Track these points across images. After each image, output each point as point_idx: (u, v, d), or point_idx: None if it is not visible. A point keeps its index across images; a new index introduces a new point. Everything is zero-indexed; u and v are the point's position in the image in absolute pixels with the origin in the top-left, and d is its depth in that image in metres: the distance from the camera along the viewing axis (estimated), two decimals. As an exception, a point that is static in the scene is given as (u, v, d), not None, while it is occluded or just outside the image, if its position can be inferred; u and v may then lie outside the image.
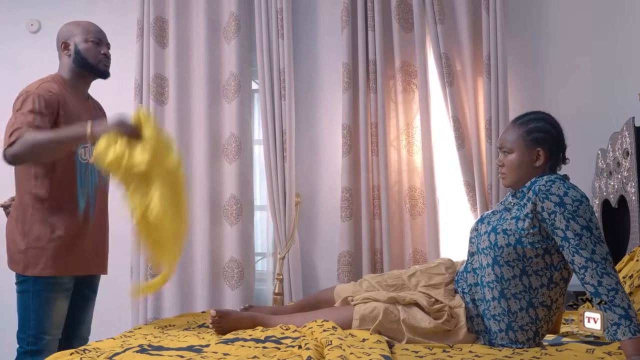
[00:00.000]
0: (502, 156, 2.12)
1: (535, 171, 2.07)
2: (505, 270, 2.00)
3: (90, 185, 2.47)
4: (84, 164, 2.44)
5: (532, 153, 2.07)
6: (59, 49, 2.53)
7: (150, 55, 3.67)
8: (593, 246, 1.89)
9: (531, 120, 2.11)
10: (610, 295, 1.84)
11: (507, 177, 2.11)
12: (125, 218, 2.30)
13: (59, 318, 2.39)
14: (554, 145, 2.10)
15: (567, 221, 1.91)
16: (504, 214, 2.09)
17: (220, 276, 3.57)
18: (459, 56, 3.49)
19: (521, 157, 2.07)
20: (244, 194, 3.61)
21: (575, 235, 1.90)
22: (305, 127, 3.68)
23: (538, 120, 2.11)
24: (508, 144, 2.09)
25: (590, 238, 1.90)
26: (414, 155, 3.51)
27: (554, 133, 2.11)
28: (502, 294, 2.01)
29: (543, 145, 2.07)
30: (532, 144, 2.07)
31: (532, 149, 2.07)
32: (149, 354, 1.74)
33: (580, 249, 1.89)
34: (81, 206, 2.43)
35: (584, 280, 1.88)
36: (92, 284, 2.59)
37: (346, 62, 3.50)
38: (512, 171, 2.09)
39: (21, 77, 2.80)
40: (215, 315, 2.18)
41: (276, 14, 3.58)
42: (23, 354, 2.35)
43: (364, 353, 1.69)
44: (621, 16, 3.48)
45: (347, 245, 3.44)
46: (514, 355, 1.86)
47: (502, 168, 2.12)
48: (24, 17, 4.01)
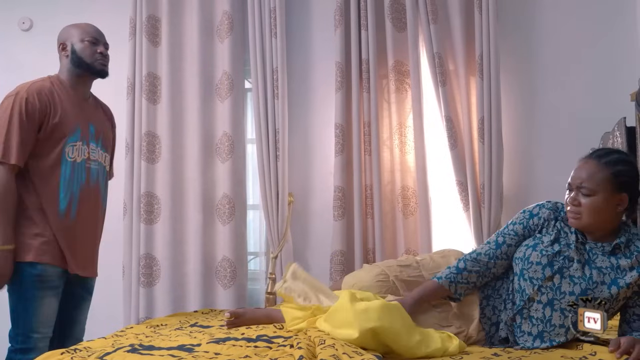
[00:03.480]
0: (578, 194, 1.95)
1: (617, 217, 1.96)
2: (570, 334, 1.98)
3: (75, 185, 2.46)
4: (70, 163, 2.44)
5: (616, 198, 1.93)
6: (58, 51, 2.56)
7: (143, 53, 3.66)
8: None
9: (619, 162, 1.95)
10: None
11: (583, 219, 1.95)
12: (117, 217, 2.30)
13: (48, 316, 2.39)
14: (636, 191, 1.97)
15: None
16: (589, 271, 1.97)
17: (213, 275, 3.57)
18: (451, 56, 3.49)
19: (605, 202, 1.92)
20: (237, 193, 3.60)
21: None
22: (298, 127, 3.68)
23: (625, 162, 1.97)
24: (591, 185, 1.92)
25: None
26: (407, 154, 3.51)
27: (638, 177, 1.97)
28: (541, 332, 2.01)
29: (628, 191, 1.94)
30: (618, 189, 1.92)
31: (617, 194, 1.92)
32: (140, 354, 1.73)
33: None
34: (62, 205, 2.43)
35: (632, 326, 1.96)
36: (86, 285, 2.59)
37: (339, 62, 3.50)
38: (592, 215, 1.93)
39: (13, 75, 2.80)
40: (231, 317, 2.20)
41: (269, 13, 3.57)
42: (13, 352, 2.35)
43: (356, 353, 1.69)
44: (613, 17, 3.49)
45: (339, 245, 3.44)
46: (502, 353, 1.87)
47: (576, 207, 1.95)
48: (16, 15, 3.99)
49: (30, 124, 2.35)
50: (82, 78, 2.56)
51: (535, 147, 3.54)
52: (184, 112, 3.67)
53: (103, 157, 2.62)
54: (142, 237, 3.57)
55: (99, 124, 2.63)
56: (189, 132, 3.64)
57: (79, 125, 2.49)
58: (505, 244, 2.12)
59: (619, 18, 3.47)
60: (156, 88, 3.68)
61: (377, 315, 1.81)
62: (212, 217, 3.60)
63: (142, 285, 3.55)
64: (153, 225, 3.60)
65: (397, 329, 1.82)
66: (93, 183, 2.55)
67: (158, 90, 3.68)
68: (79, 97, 2.53)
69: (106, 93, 2.86)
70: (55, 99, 2.42)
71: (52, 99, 2.41)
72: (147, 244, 3.58)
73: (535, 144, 3.55)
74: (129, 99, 3.66)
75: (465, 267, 2.12)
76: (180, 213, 3.60)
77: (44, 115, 2.38)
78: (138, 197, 3.59)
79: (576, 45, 3.56)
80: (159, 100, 3.68)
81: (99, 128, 2.61)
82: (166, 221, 3.58)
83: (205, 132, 3.63)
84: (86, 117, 2.54)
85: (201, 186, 3.59)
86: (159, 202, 3.60)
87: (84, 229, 2.52)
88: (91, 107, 2.62)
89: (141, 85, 3.65)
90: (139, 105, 3.64)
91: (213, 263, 3.58)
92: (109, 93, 3.25)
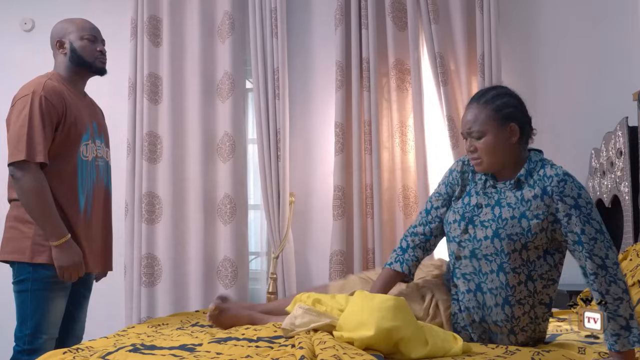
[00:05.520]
0: (472, 141, 1.98)
1: (513, 148, 1.98)
2: (511, 277, 1.93)
3: (89, 183, 2.47)
4: (84, 161, 2.45)
5: (506, 130, 1.96)
6: (54, 48, 2.53)
7: (144, 54, 3.66)
8: (606, 250, 1.85)
9: (497, 97, 1.98)
10: (615, 304, 1.82)
11: (484, 162, 1.97)
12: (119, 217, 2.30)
13: (57, 317, 2.39)
14: (524, 118, 2.00)
15: (582, 224, 1.86)
16: (497, 210, 1.96)
17: (214, 275, 3.57)
18: (453, 56, 3.49)
19: (496, 138, 1.95)
20: (238, 193, 3.60)
21: (590, 239, 1.85)
22: (299, 126, 3.68)
23: (502, 95, 2.00)
24: (478, 127, 1.95)
25: (604, 242, 1.86)
26: (407, 154, 3.51)
27: (520, 105, 2.01)
28: (507, 300, 1.95)
29: (515, 120, 1.97)
30: (504, 121, 1.95)
31: (505, 126, 1.95)
32: (141, 354, 1.73)
33: (594, 254, 1.85)
34: (81, 204, 2.43)
35: (593, 287, 1.85)
36: (87, 283, 2.59)
37: (339, 61, 3.50)
38: (489, 154, 1.95)
39: (15, 76, 2.80)
40: (215, 310, 2.20)
41: (270, 13, 3.57)
42: (19, 352, 2.34)
43: (356, 353, 1.69)
44: (615, 16, 3.49)
45: (338, 245, 3.43)
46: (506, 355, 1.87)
47: (474, 154, 1.98)
48: (17, 15, 3.99)
49: (50, 123, 2.32)
50: (80, 75, 2.53)
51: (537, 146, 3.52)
52: (185, 112, 3.67)
53: (106, 153, 2.63)
54: (144, 237, 3.58)
55: (99, 119, 2.63)
56: (190, 132, 3.65)
57: (88, 123, 2.49)
58: (433, 208, 2.14)
59: (621, 18, 3.47)
60: (157, 88, 3.68)
61: (393, 315, 1.80)
62: (213, 217, 3.60)
63: (143, 285, 3.56)
64: (154, 225, 3.60)
65: (410, 331, 1.81)
66: (101, 180, 2.55)
67: (159, 90, 3.68)
68: (78, 95, 2.52)
69: (107, 93, 2.87)
70: (67, 98, 2.41)
71: (64, 98, 2.40)
72: (148, 243, 3.58)
73: (536, 144, 3.53)
74: (130, 99, 3.66)
75: (408, 245, 2.14)
76: (181, 213, 3.61)
77: (61, 114, 2.36)
78: (139, 197, 3.60)
79: (578, 44, 3.56)
80: (160, 101, 3.68)
81: (99, 124, 2.61)
82: (167, 221, 3.58)
83: (207, 132, 3.63)
84: (89, 115, 2.54)
85: (202, 186, 3.59)
86: (161, 202, 3.60)
87: (97, 226, 2.53)
88: (89, 104, 2.61)
89: (142, 85, 3.65)
90: (140, 106, 3.64)
91: (214, 263, 3.58)
92: (110, 93, 3.26)
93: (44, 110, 2.31)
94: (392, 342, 1.79)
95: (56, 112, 2.35)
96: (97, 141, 2.54)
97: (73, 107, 2.42)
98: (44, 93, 2.33)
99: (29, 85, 2.38)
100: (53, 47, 2.53)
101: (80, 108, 2.47)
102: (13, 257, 2.36)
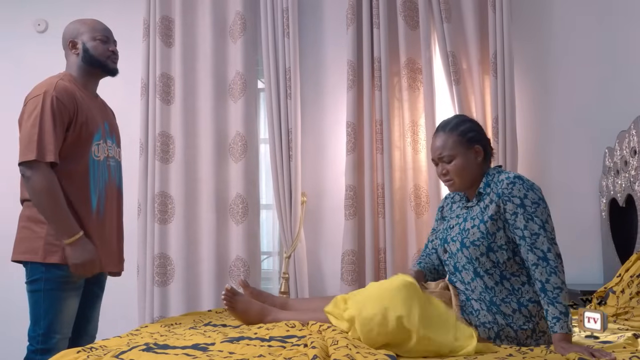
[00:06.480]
0: (443, 165, 2.20)
1: (479, 168, 2.19)
2: (487, 280, 2.10)
3: (101, 183, 2.48)
4: (96, 161, 2.46)
5: (472, 152, 2.18)
6: (66, 48, 2.54)
7: (156, 54, 3.68)
8: (548, 245, 1.99)
9: (459, 124, 2.21)
10: (555, 292, 1.94)
11: (456, 182, 2.19)
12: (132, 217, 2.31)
13: (70, 317, 2.40)
14: (484, 139, 2.24)
15: (526, 221, 2.02)
16: (462, 225, 2.16)
17: (227, 275, 3.58)
18: (465, 54, 3.48)
19: (464, 159, 2.17)
20: (250, 193, 3.61)
21: (532, 234, 2.01)
22: (311, 126, 3.69)
23: (465, 121, 2.24)
24: (447, 152, 2.17)
25: (546, 238, 2.00)
26: (419, 153, 3.50)
27: (480, 129, 2.25)
28: (492, 302, 2.08)
29: (479, 142, 2.20)
30: (469, 144, 2.18)
31: (471, 148, 2.18)
32: (155, 353, 1.74)
33: (535, 247, 2.00)
34: (94, 203, 2.44)
35: (534, 276, 1.99)
36: (100, 282, 2.60)
37: (351, 60, 3.50)
38: (460, 175, 2.17)
39: (28, 77, 2.81)
40: (230, 291, 2.34)
41: (282, 13, 3.58)
42: (33, 352, 2.35)
43: (369, 353, 1.69)
44: (629, 13, 3.46)
45: (350, 244, 3.43)
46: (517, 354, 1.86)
47: (446, 176, 2.20)
48: (31, 16, 4.03)
49: (61, 123, 2.34)
50: (93, 75, 2.55)
51: (550, 145, 3.52)
52: (197, 113, 3.68)
53: (118, 153, 2.64)
54: (157, 236, 3.59)
55: (110, 120, 2.64)
56: (202, 132, 3.66)
57: (99, 123, 2.50)
58: (429, 242, 2.44)
59: (632, 15, 3.44)
60: (170, 88, 3.69)
61: (391, 295, 1.90)
62: (225, 217, 3.61)
63: (156, 284, 3.57)
64: (167, 225, 3.61)
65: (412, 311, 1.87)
66: (114, 180, 2.57)
67: (172, 90, 3.70)
68: (90, 95, 2.54)
69: (120, 94, 2.88)
70: (78, 98, 2.42)
71: (76, 98, 2.42)
72: (161, 243, 3.59)
73: (549, 143, 3.53)
74: (142, 99, 3.68)
75: (424, 265, 2.38)
76: (194, 213, 3.62)
77: (73, 114, 2.38)
78: (152, 197, 3.61)
79: (590, 42, 3.54)
80: (172, 101, 3.69)
81: (111, 124, 2.62)
82: (180, 221, 3.59)
83: (219, 132, 3.64)
84: (101, 115, 2.56)
85: (215, 186, 3.60)
86: (173, 202, 3.61)
87: (110, 226, 2.55)
88: (101, 104, 2.62)
89: (155, 85, 3.67)
90: (152, 106, 3.66)
91: (227, 263, 3.59)
92: (122, 94, 3.27)
93: (55, 110, 2.32)
94: (391, 320, 1.83)
95: (67, 112, 2.36)
96: (109, 141, 2.55)
97: (84, 107, 2.43)
98: (56, 93, 2.34)
99: (41, 86, 2.39)
100: (65, 48, 2.55)
101: (91, 108, 2.48)
102: (26, 257, 2.38)
